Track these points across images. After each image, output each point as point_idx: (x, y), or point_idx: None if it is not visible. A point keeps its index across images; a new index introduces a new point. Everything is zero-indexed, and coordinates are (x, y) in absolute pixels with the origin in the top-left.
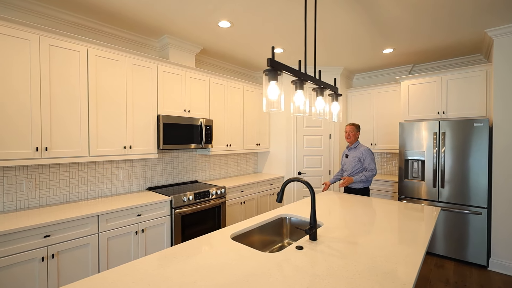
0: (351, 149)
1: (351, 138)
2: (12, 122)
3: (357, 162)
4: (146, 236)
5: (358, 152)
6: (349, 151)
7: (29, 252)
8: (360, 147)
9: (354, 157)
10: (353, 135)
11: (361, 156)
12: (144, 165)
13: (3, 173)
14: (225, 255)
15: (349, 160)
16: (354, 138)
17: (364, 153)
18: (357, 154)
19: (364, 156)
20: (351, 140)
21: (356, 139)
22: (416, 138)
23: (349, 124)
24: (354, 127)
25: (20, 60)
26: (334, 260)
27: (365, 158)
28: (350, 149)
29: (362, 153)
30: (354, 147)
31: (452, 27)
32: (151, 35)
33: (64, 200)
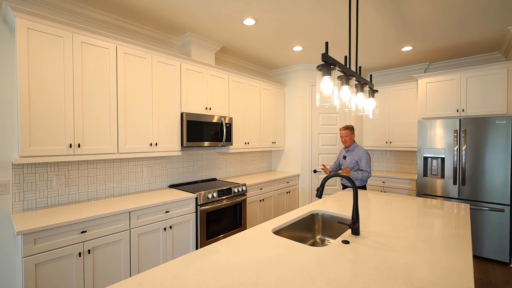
0: (348, 151)
1: (348, 142)
2: (46, 119)
3: (355, 164)
4: (173, 232)
5: (356, 155)
6: (347, 153)
7: (67, 247)
8: (359, 150)
9: (352, 159)
10: (349, 138)
11: (358, 158)
12: (166, 163)
13: (35, 170)
14: (277, 249)
15: (347, 162)
16: (350, 141)
17: (361, 155)
18: (355, 157)
19: (360, 158)
20: (348, 144)
21: (352, 141)
22: (435, 135)
23: (342, 128)
24: (348, 131)
25: (53, 57)
26: (386, 254)
27: (361, 160)
28: (348, 151)
29: (360, 155)
30: (351, 149)
31: (476, 24)
32: (173, 33)
33: (91, 197)
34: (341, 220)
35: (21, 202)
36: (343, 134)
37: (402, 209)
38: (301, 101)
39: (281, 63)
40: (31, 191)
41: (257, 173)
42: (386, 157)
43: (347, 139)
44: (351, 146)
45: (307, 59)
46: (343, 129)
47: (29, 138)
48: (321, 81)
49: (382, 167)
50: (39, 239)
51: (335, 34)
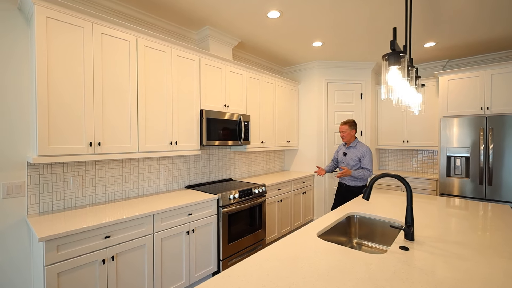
0: (350, 147)
1: (347, 137)
2: (66, 115)
3: (357, 162)
4: (196, 236)
5: (358, 152)
6: (348, 149)
7: (91, 254)
8: (361, 146)
9: (354, 156)
10: (348, 134)
11: (361, 155)
12: (183, 162)
13: (51, 170)
14: (332, 257)
15: (347, 158)
16: (350, 136)
17: (364, 152)
18: (357, 154)
19: (364, 155)
20: (347, 140)
21: (352, 137)
22: (459, 134)
23: (342, 123)
24: (347, 126)
25: (73, 48)
26: (458, 262)
27: (364, 157)
28: (349, 148)
29: (363, 153)
30: (353, 146)
31: (507, 19)
32: (191, 26)
33: (109, 199)
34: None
35: (37, 204)
36: (342, 129)
37: (437, 210)
38: (316, 98)
39: (296, 60)
40: (47, 192)
41: (271, 173)
42: (402, 156)
43: (345, 135)
44: (352, 142)
45: (324, 55)
46: (342, 123)
47: (48, 136)
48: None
49: (398, 166)
50: (62, 246)
51: (359, 30)
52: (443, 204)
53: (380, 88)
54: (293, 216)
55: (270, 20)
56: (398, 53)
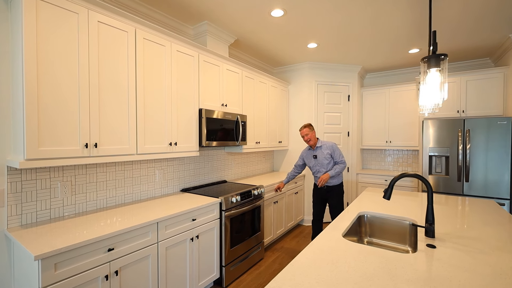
0: (317, 148)
1: (313, 139)
2: (59, 113)
3: (330, 158)
4: (200, 242)
5: (327, 148)
6: (316, 151)
7: (93, 270)
8: (326, 143)
9: (325, 154)
10: (312, 135)
11: (331, 150)
12: (178, 164)
13: (36, 175)
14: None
15: (320, 159)
16: (314, 138)
17: (333, 147)
18: (327, 150)
19: (333, 149)
20: (313, 142)
21: (316, 138)
22: (440, 135)
23: (302, 127)
24: (308, 128)
25: (66, 37)
26: (485, 257)
27: (335, 152)
28: (317, 149)
29: (331, 148)
30: (319, 145)
31: (484, 31)
32: (188, 20)
33: (101, 206)
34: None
35: (19, 216)
36: (305, 132)
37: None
38: (307, 99)
39: (288, 60)
40: (30, 202)
41: (263, 173)
42: (385, 156)
43: (310, 137)
44: (317, 143)
45: (316, 57)
46: (303, 127)
47: (38, 137)
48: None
49: (382, 166)
50: (61, 263)
51: (353, 33)
52: (435, 201)
53: (364, 90)
54: (287, 217)
55: (272, 19)
56: (438, 56)
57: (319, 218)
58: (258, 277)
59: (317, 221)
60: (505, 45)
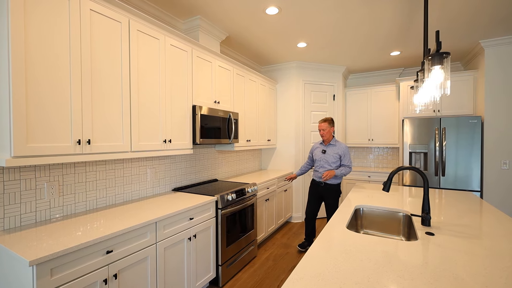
0: (329, 145)
1: (326, 135)
2: (49, 107)
3: (337, 159)
4: (197, 242)
5: (339, 149)
6: (327, 147)
7: (91, 274)
8: (340, 144)
9: (335, 153)
10: (328, 131)
11: (342, 153)
12: (169, 163)
13: (19, 175)
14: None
15: (328, 156)
16: (329, 134)
17: (345, 150)
18: (338, 151)
19: (344, 153)
20: (327, 137)
21: (331, 135)
22: (419, 133)
23: (321, 120)
24: (327, 123)
25: (58, 26)
26: (482, 242)
27: (345, 155)
28: (329, 146)
29: (343, 150)
30: (333, 143)
31: (457, 36)
32: (179, 14)
33: (91, 207)
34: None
35: (1, 220)
36: (322, 127)
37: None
38: (294, 98)
39: (276, 59)
40: (14, 204)
41: (252, 172)
42: (367, 153)
43: (325, 133)
44: (331, 140)
45: (304, 56)
46: (322, 121)
47: (27, 133)
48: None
49: (365, 163)
50: (57, 268)
51: (343, 33)
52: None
53: (348, 91)
54: (277, 214)
55: (266, 16)
56: (441, 54)
57: (312, 216)
58: (253, 274)
59: (311, 219)
60: (475, 50)
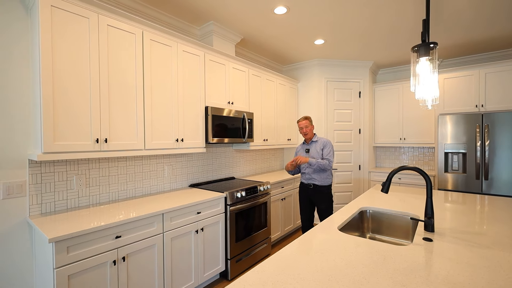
0: (312, 142)
1: (309, 133)
2: (72, 110)
3: (321, 154)
4: (205, 235)
5: (321, 143)
6: (310, 145)
7: (102, 255)
8: (322, 139)
9: (318, 150)
10: (310, 129)
11: (324, 145)
12: (186, 161)
13: (53, 168)
14: (364, 250)
15: (311, 154)
16: (311, 132)
17: (327, 143)
18: (320, 145)
19: (325, 145)
20: (310, 135)
21: (313, 132)
22: (456, 131)
23: (302, 118)
24: (308, 121)
25: (79, 40)
26: (483, 251)
27: (326, 147)
28: (311, 143)
29: (325, 143)
30: (315, 140)
31: (503, 19)
32: (194, 21)
33: (113, 198)
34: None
35: (39, 205)
36: (304, 124)
37: (443, 203)
38: (316, 97)
39: (296, 58)
40: (49, 192)
41: (272, 171)
42: (399, 153)
43: (308, 130)
44: (313, 137)
45: (324, 53)
46: (303, 119)
47: (54, 132)
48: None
49: (395, 163)
50: (72, 247)
51: (361, 28)
52: (447, 198)
53: (377, 87)
54: (296, 214)
55: (276, 16)
56: (428, 44)
57: (309, 224)
58: None
59: (308, 227)
60: None
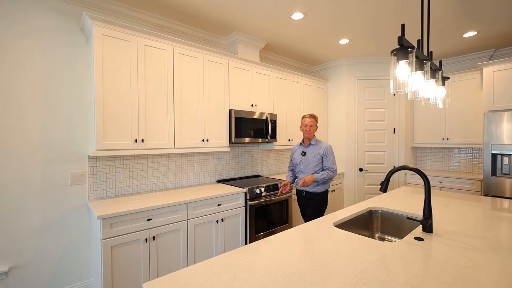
0: (310, 145)
1: (312, 132)
2: (117, 116)
3: (319, 161)
4: (225, 225)
5: (320, 149)
6: (307, 147)
7: (136, 233)
8: (322, 143)
9: (316, 154)
10: (313, 129)
11: (324, 152)
12: (214, 159)
13: (105, 163)
14: (343, 242)
15: (308, 158)
16: (313, 133)
17: (328, 149)
18: (319, 151)
19: (326, 152)
20: (311, 135)
21: (314, 134)
22: (507, 130)
23: (309, 115)
24: (314, 119)
25: (122, 60)
26: (472, 253)
27: (328, 155)
28: (309, 146)
29: (326, 150)
30: (314, 143)
31: None
32: (220, 33)
33: (151, 189)
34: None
35: (95, 191)
36: (309, 122)
37: (476, 208)
38: (345, 96)
39: (324, 58)
40: (102, 181)
41: None
42: (442, 155)
43: (311, 129)
44: (312, 139)
45: (352, 52)
46: (309, 116)
47: (103, 134)
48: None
49: (438, 166)
50: (115, 224)
51: (387, 24)
52: (486, 204)
53: None
54: None
55: (294, 22)
56: (406, 48)
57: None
58: None
59: None
60: None
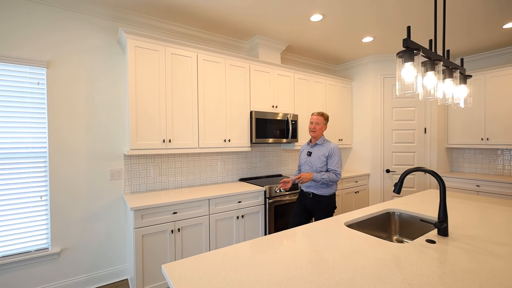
0: (316, 145)
1: (317, 131)
2: (147, 119)
3: (324, 163)
4: (245, 221)
5: (326, 150)
6: (313, 147)
7: (163, 224)
8: (329, 144)
9: (320, 155)
10: (320, 128)
11: (329, 153)
12: (236, 158)
13: (138, 161)
14: (351, 240)
15: (313, 159)
16: (320, 132)
17: (333, 150)
18: (324, 152)
19: (332, 154)
20: (316, 134)
21: (322, 133)
22: None
23: (317, 113)
24: (322, 118)
25: (151, 68)
26: (485, 258)
27: (332, 156)
28: (315, 146)
29: (331, 151)
30: (320, 143)
31: None
32: (242, 37)
33: (177, 185)
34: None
35: (130, 186)
36: (317, 120)
37: (508, 213)
38: (371, 95)
39: (348, 57)
40: (135, 178)
41: None
42: (482, 156)
43: (318, 128)
44: (319, 139)
45: (377, 50)
46: (318, 114)
47: (136, 134)
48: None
49: (477, 168)
50: (145, 215)
51: (412, 19)
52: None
53: None
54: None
55: (313, 24)
56: (411, 50)
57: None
58: None
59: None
60: None
